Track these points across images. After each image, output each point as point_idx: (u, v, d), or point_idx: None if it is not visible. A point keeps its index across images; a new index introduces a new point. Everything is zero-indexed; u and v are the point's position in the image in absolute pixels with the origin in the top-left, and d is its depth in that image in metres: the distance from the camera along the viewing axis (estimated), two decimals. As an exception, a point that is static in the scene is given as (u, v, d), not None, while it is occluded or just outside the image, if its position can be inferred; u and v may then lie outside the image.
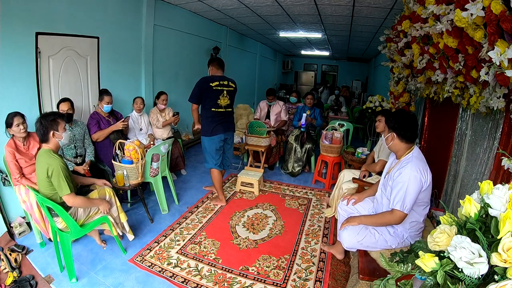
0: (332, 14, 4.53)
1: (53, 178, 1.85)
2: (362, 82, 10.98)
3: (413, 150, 1.73)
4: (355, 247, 1.84)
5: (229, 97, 2.94)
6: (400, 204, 1.63)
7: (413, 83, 2.82)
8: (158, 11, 4.23)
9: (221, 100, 2.88)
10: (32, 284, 1.93)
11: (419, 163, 1.65)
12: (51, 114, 1.95)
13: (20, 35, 2.51)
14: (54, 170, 1.84)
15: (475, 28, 1.36)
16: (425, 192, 1.67)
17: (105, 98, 3.00)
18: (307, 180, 4.08)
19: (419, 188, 1.63)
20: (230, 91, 2.94)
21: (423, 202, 1.72)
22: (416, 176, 1.61)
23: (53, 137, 1.92)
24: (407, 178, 1.62)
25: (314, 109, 4.37)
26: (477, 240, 0.79)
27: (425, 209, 1.76)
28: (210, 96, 2.82)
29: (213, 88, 2.81)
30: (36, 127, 1.92)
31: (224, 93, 2.88)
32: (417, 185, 1.61)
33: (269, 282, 2.05)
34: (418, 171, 1.62)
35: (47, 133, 1.90)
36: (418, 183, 1.61)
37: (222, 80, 2.88)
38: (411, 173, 1.61)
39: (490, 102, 1.45)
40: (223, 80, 2.88)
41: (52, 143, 1.94)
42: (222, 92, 2.87)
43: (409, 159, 1.68)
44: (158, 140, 3.62)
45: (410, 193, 1.61)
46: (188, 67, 5.29)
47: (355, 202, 2.13)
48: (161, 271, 2.13)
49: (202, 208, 3.13)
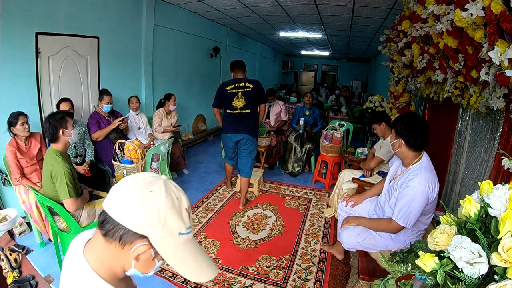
0: (332, 14, 4.53)
1: (55, 182, 1.86)
2: (362, 82, 10.98)
3: (422, 159, 1.61)
4: (355, 247, 1.84)
5: (245, 98, 2.94)
6: (403, 219, 1.55)
7: (413, 83, 2.82)
8: (158, 11, 4.23)
9: (235, 102, 2.94)
10: (32, 284, 1.92)
11: (428, 176, 1.54)
12: (59, 113, 1.95)
13: (20, 35, 2.51)
14: (57, 175, 1.84)
15: (475, 28, 1.36)
16: (430, 204, 1.59)
17: (105, 98, 3.00)
18: (307, 180, 4.08)
19: (425, 203, 1.54)
20: (246, 92, 2.94)
21: (427, 212, 1.64)
22: (423, 191, 1.51)
23: (63, 135, 1.91)
24: (413, 192, 1.52)
25: (313, 109, 4.35)
26: (477, 240, 0.79)
27: (429, 218, 1.69)
28: (226, 99, 2.97)
29: (228, 91, 2.94)
30: (45, 127, 1.91)
31: (239, 95, 2.94)
32: (423, 200, 1.52)
33: (269, 282, 2.05)
34: (426, 185, 1.51)
35: (56, 132, 1.89)
36: (425, 198, 1.52)
37: (238, 83, 2.95)
38: (418, 188, 1.51)
39: (490, 102, 1.45)
40: (239, 82, 2.95)
41: (62, 142, 1.92)
42: (236, 95, 2.94)
43: (418, 171, 1.56)
44: (158, 140, 3.63)
45: (415, 208, 1.53)
46: (188, 67, 5.29)
47: (353, 204, 2.10)
48: (161, 271, 2.13)
49: (202, 208, 3.13)
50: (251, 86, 2.95)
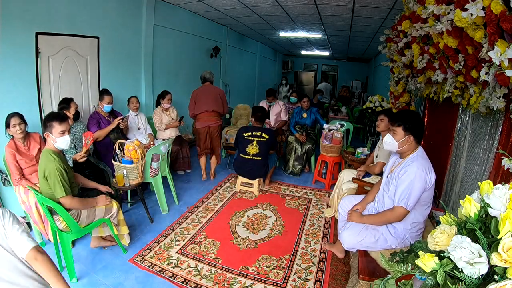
0: (332, 14, 4.53)
1: (48, 180, 1.86)
2: (362, 82, 10.97)
3: (418, 150, 1.75)
4: (355, 247, 1.84)
5: (259, 147, 3.32)
6: (405, 201, 1.65)
7: (413, 83, 2.82)
8: (158, 11, 4.23)
9: (250, 148, 3.34)
10: (32, 284, 1.92)
11: (424, 162, 1.67)
12: (50, 116, 1.94)
13: (20, 35, 2.52)
14: (50, 173, 1.85)
15: (475, 28, 1.36)
16: (428, 191, 1.68)
17: (105, 98, 3.00)
18: (307, 180, 4.08)
19: (424, 187, 1.64)
20: (261, 141, 3.32)
21: (425, 202, 1.73)
22: (421, 175, 1.62)
23: (48, 138, 1.92)
24: (413, 176, 1.63)
25: (311, 109, 4.37)
26: (477, 240, 0.79)
27: (427, 209, 1.76)
28: (242, 144, 3.38)
29: (245, 137, 3.34)
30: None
31: (254, 143, 3.33)
32: (422, 183, 1.63)
33: (269, 282, 2.05)
34: (423, 170, 1.63)
35: (44, 132, 1.92)
36: (423, 181, 1.63)
37: (256, 131, 3.34)
38: (417, 171, 1.63)
39: (490, 102, 1.45)
40: (256, 131, 3.34)
41: (49, 144, 1.94)
42: (251, 142, 3.33)
43: (414, 158, 1.70)
44: (159, 140, 3.63)
45: (415, 191, 1.63)
46: (188, 67, 5.29)
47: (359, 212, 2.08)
48: (161, 271, 2.13)
49: (202, 208, 3.13)
50: (266, 137, 3.32)
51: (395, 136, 1.76)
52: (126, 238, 2.36)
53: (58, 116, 1.94)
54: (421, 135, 1.76)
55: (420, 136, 1.75)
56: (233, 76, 7.27)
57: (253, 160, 3.33)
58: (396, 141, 1.76)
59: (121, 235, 2.33)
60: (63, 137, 1.92)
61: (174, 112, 3.97)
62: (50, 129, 1.90)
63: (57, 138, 1.91)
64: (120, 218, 2.29)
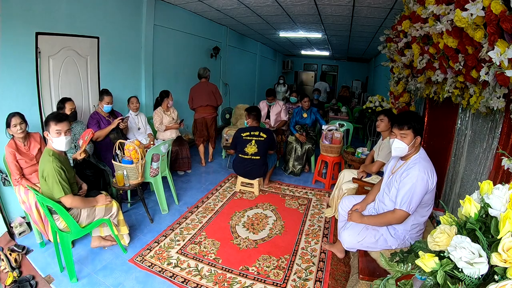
0: (332, 14, 4.53)
1: (47, 181, 1.86)
2: (362, 82, 10.97)
3: (420, 151, 1.73)
4: (355, 247, 1.84)
5: (258, 146, 3.31)
6: (406, 205, 1.63)
7: (413, 83, 2.82)
8: (158, 11, 4.23)
9: (248, 148, 3.32)
10: (32, 284, 1.93)
11: (426, 165, 1.65)
12: (49, 116, 1.94)
13: (20, 35, 2.51)
14: (48, 174, 1.85)
15: (475, 28, 1.36)
16: (429, 194, 1.67)
17: (105, 98, 3.00)
18: (307, 180, 4.08)
19: (426, 190, 1.62)
20: (260, 141, 3.31)
21: (426, 204, 1.71)
22: (423, 178, 1.60)
23: (48, 138, 1.93)
24: (415, 179, 1.61)
25: (311, 109, 4.37)
26: (477, 240, 0.79)
27: (428, 210, 1.75)
28: (240, 144, 3.36)
29: (243, 137, 3.33)
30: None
31: (252, 142, 3.32)
32: (424, 187, 1.61)
33: (269, 282, 2.05)
34: (425, 172, 1.61)
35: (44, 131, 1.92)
36: (425, 184, 1.61)
37: (254, 131, 3.33)
38: (419, 174, 1.61)
39: (490, 102, 1.45)
40: (254, 131, 3.33)
41: (49, 144, 1.95)
42: (250, 142, 3.32)
43: (417, 160, 1.68)
44: (159, 140, 3.63)
45: (416, 194, 1.61)
46: (188, 67, 5.29)
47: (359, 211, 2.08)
48: (161, 271, 2.13)
49: (202, 208, 3.13)
50: (264, 136, 3.32)
51: (405, 139, 1.68)
52: (126, 238, 2.37)
53: (56, 116, 1.94)
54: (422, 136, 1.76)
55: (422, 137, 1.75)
56: (233, 76, 7.27)
57: (252, 159, 3.33)
58: (407, 144, 1.69)
59: (121, 235, 2.33)
60: (59, 138, 1.90)
61: (174, 112, 3.98)
62: (48, 129, 1.91)
63: (53, 138, 1.90)
64: (120, 218, 2.29)
